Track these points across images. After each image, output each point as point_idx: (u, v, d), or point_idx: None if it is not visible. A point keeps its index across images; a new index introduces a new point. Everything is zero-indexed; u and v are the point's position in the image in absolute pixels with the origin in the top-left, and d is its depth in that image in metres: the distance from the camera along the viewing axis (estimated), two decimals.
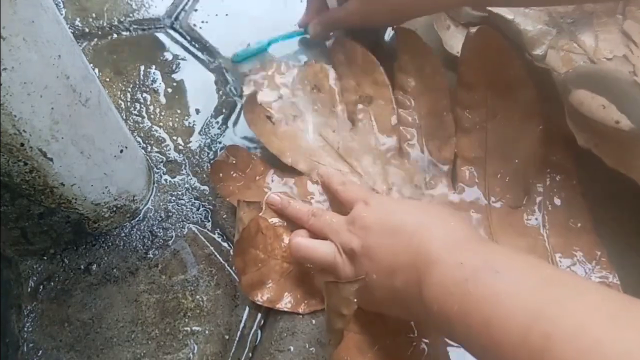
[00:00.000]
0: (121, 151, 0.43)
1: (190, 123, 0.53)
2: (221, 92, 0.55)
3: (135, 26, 0.61)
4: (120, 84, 0.56)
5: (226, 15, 0.62)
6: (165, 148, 0.51)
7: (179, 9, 0.62)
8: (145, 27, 0.61)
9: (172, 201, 0.48)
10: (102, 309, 0.43)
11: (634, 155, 0.41)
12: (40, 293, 0.44)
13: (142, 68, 0.57)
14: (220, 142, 0.52)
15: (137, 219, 0.47)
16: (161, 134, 0.52)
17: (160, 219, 0.47)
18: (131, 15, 0.62)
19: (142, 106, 0.54)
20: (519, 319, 0.26)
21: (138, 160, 0.47)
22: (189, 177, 0.50)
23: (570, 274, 0.36)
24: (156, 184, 0.49)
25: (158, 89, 0.55)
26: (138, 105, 0.54)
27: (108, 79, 0.56)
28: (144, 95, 0.55)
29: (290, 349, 0.41)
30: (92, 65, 0.56)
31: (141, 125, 0.53)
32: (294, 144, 0.49)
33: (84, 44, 0.58)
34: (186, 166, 0.50)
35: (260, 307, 0.42)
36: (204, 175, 0.50)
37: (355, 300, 0.37)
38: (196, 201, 0.48)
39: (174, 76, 0.57)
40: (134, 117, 0.53)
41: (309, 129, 0.50)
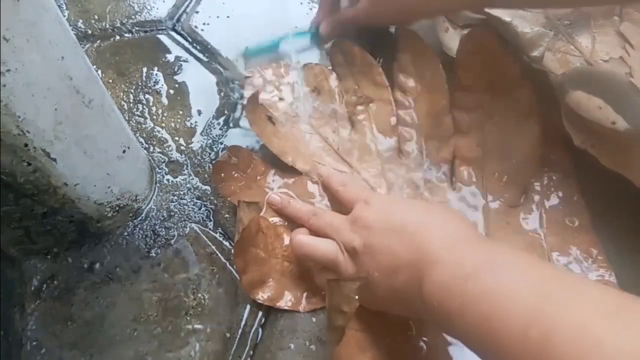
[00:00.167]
0: (124, 151, 0.43)
1: (192, 124, 0.54)
2: (222, 94, 0.56)
3: (137, 28, 0.61)
4: (122, 85, 0.56)
5: (227, 17, 0.62)
6: (167, 148, 0.52)
7: (181, 11, 0.63)
8: (147, 29, 0.61)
9: (174, 201, 0.49)
10: (105, 308, 0.43)
11: (630, 155, 0.41)
12: (43, 292, 0.44)
13: (145, 69, 0.57)
14: (221, 143, 0.52)
15: (140, 219, 0.48)
16: (163, 135, 0.53)
17: (162, 219, 0.48)
18: (133, 17, 0.62)
19: (145, 107, 0.55)
20: (519, 317, 0.26)
21: (140, 160, 0.47)
22: (191, 177, 0.50)
23: (570, 273, 0.37)
24: (158, 184, 0.49)
25: (160, 90, 0.56)
26: (140, 106, 0.55)
27: (111, 80, 0.56)
28: (147, 96, 0.55)
29: (291, 347, 0.41)
30: (95, 66, 0.57)
31: (143, 126, 0.53)
32: (295, 145, 0.49)
33: (87, 46, 0.59)
34: (188, 166, 0.51)
35: (261, 306, 0.43)
36: (206, 175, 0.50)
37: (356, 298, 0.38)
38: (198, 201, 0.49)
39: (176, 77, 0.57)
40: (137, 118, 0.54)
41: (309, 130, 0.51)
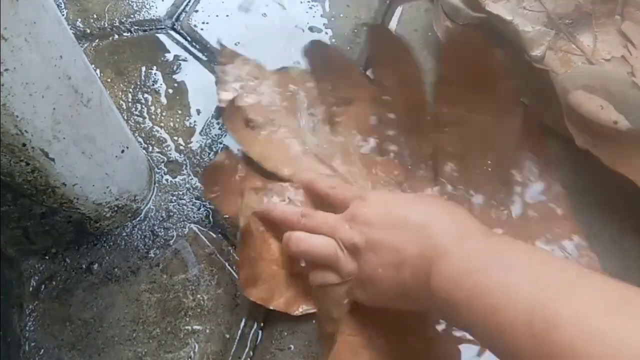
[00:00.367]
0: (122, 151, 0.43)
1: (191, 123, 0.53)
2: None
3: (136, 27, 0.61)
4: (121, 85, 0.56)
5: (227, 16, 0.62)
6: (166, 148, 0.52)
7: (180, 10, 0.62)
8: (146, 28, 0.61)
9: (173, 201, 0.48)
10: (104, 308, 0.43)
11: (632, 155, 0.41)
12: (41, 292, 0.44)
13: (143, 69, 0.57)
14: (221, 143, 0.52)
15: (139, 219, 0.47)
16: (162, 134, 0.52)
17: (161, 219, 0.47)
18: (132, 16, 0.62)
19: (143, 107, 0.54)
20: (525, 307, 0.27)
21: (139, 160, 0.47)
22: (190, 177, 0.50)
23: (573, 264, 0.37)
24: (157, 184, 0.49)
25: (159, 90, 0.56)
26: (139, 105, 0.54)
27: (109, 80, 0.56)
28: (145, 95, 0.55)
29: (290, 348, 0.41)
30: (94, 66, 0.57)
31: (142, 125, 0.53)
32: (274, 150, 0.48)
33: (85, 45, 0.59)
34: (187, 166, 0.51)
35: (260, 306, 0.42)
36: None
37: (345, 302, 0.38)
38: (197, 201, 0.48)
39: (175, 77, 0.57)
40: (135, 118, 0.53)
41: (289, 134, 0.49)
